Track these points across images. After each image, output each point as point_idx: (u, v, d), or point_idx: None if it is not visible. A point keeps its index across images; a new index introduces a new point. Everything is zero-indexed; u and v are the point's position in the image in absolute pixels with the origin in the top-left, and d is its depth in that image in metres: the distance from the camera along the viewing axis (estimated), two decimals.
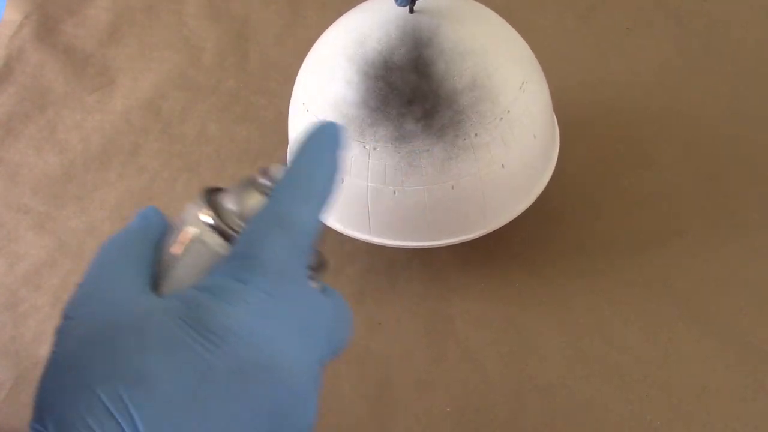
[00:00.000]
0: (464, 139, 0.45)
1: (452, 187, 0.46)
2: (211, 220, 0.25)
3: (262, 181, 0.27)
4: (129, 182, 0.62)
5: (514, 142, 0.47)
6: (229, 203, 0.26)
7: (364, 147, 0.46)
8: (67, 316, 0.25)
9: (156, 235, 0.27)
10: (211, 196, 0.27)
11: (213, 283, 0.24)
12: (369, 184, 0.47)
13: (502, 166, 0.47)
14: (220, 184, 0.29)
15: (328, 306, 0.27)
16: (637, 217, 0.56)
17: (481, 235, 0.50)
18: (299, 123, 0.51)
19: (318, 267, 0.28)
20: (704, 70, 0.66)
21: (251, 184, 0.27)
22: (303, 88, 0.51)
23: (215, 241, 0.25)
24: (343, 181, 0.47)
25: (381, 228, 0.49)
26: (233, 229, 0.25)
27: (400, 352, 0.50)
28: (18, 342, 0.52)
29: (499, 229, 0.49)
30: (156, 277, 0.26)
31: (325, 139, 0.27)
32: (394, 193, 0.47)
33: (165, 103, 0.68)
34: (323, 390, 0.33)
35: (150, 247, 0.26)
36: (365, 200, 0.47)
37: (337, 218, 0.50)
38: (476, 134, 0.45)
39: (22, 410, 0.49)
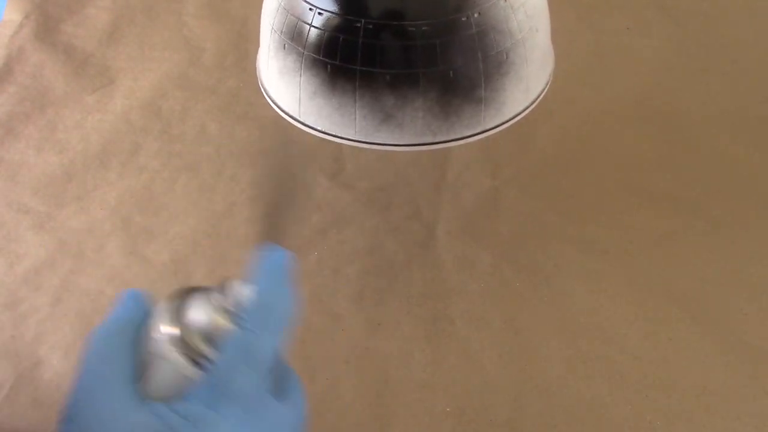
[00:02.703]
0: (465, 19, 0.42)
1: (451, 73, 0.43)
2: (177, 340, 0.29)
3: (225, 304, 0.30)
4: (129, 182, 0.62)
5: (517, 30, 0.44)
6: (196, 318, 0.29)
7: (356, 25, 0.42)
8: (70, 419, 0.27)
9: (136, 326, 0.30)
10: (181, 305, 0.30)
11: (189, 411, 0.27)
12: (359, 68, 0.43)
13: (506, 56, 0.44)
14: (195, 282, 0.32)
15: (285, 411, 0.30)
16: (638, 216, 0.56)
17: (479, 135, 0.47)
18: (274, 11, 0.46)
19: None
20: (703, 70, 0.66)
21: (215, 303, 0.30)
22: None
23: (180, 362, 0.29)
24: (329, 69, 0.43)
25: (371, 127, 0.45)
26: (199, 353, 0.29)
27: (400, 352, 0.50)
28: (18, 342, 0.52)
29: (499, 229, 0.49)
30: (139, 370, 0.29)
31: (281, 270, 0.31)
32: (387, 78, 0.42)
33: (165, 103, 0.68)
34: (323, 391, 0.33)
35: (130, 342, 0.30)
36: (353, 91, 0.44)
37: (331, 123, 0.46)
38: (478, 13, 0.42)
39: (21, 410, 0.49)
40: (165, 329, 0.29)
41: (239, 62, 0.71)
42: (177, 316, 0.30)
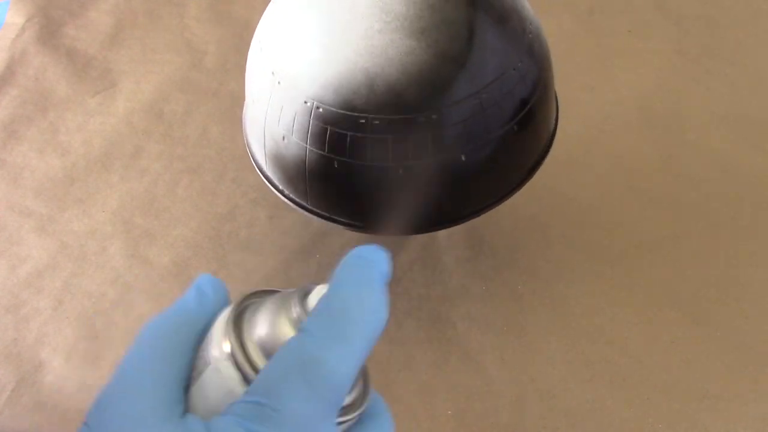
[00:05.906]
0: (475, 100, 0.40)
1: (463, 157, 0.41)
2: (235, 352, 0.23)
3: (297, 310, 0.24)
4: (131, 185, 0.62)
5: (530, 97, 0.43)
6: (258, 328, 0.24)
7: (361, 122, 0.39)
8: (87, 424, 0.22)
9: (203, 323, 0.25)
10: (251, 311, 0.25)
11: (223, 431, 0.21)
12: (368, 164, 0.41)
13: (516, 127, 0.42)
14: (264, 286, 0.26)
15: None
16: (639, 220, 0.56)
17: (497, 203, 0.46)
18: (266, 99, 0.43)
19: (357, 398, 0.25)
20: (704, 72, 0.66)
21: (290, 312, 0.24)
22: (272, 48, 0.43)
23: (231, 374, 0.23)
24: (336, 164, 0.41)
25: (387, 218, 0.43)
26: (254, 367, 0.23)
27: (402, 355, 0.50)
28: (20, 344, 0.53)
29: (500, 232, 0.49)
30: (189, 377, 0.24)
31: (367, 266, 0.24)
32: (400, 171, 0.41)
33: (167, 106, 0.68)
34: None
35: (191, 340, 0.24)
36: (366, 185, 0.42)
37: (341, 213, 0.45)
38: (487, 93, 0.40)
39: (23, 413, 0.49)
40: (226, 338, 0.24)
41: (241, 65, 0.71)
42: (243, 324, 0.24)
